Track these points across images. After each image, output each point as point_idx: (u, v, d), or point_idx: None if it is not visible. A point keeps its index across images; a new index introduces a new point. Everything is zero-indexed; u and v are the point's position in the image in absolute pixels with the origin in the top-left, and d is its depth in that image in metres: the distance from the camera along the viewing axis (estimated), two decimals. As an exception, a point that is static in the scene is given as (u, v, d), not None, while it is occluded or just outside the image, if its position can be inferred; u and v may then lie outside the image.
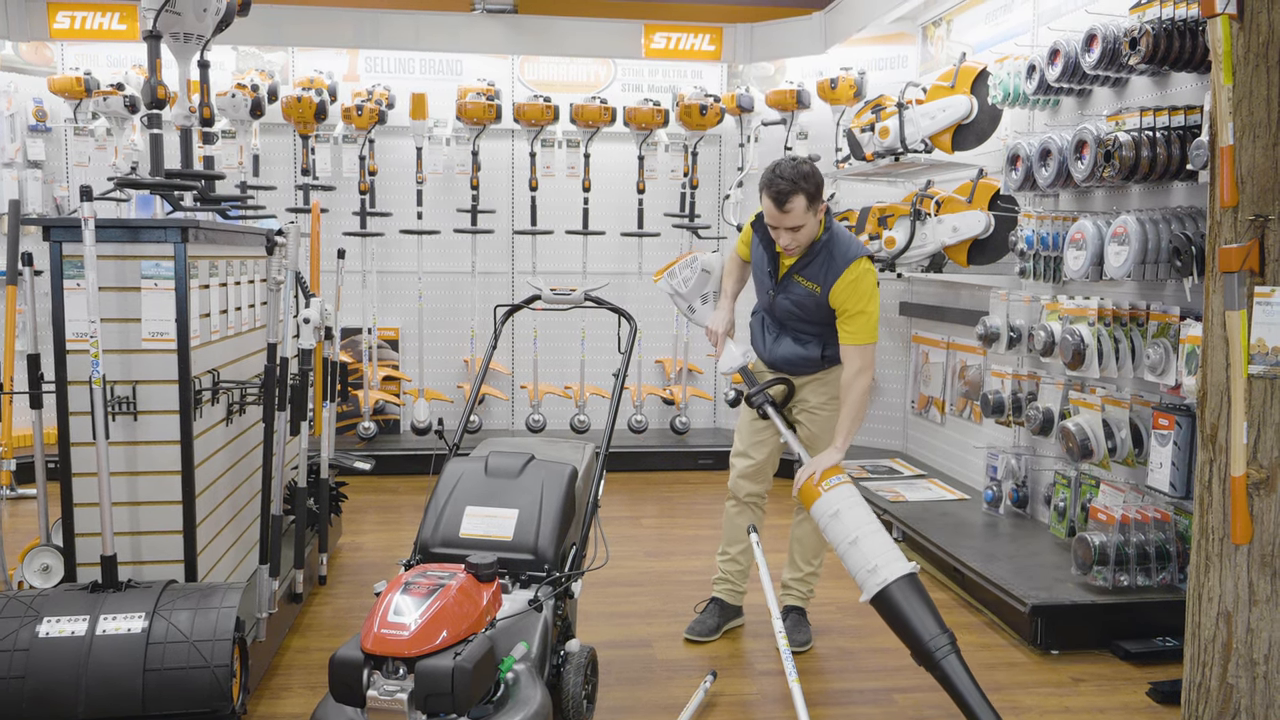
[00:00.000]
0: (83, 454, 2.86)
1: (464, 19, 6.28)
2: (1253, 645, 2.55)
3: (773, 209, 3.10)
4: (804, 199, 3.06)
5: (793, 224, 3.09)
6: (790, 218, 3.08)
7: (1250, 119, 2.51)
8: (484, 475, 2.94)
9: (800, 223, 3.09)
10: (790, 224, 3.09)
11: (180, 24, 3.26)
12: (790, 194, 3.05)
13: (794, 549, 3.55)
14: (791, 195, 3.05)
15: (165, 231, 2.88)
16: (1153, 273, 3.43)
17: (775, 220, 3.12)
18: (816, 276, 3.22)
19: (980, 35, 5.10)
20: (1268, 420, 2.50)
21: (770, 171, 3.11)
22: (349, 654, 2.25)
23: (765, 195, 3.10)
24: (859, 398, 3.19)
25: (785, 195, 3.05)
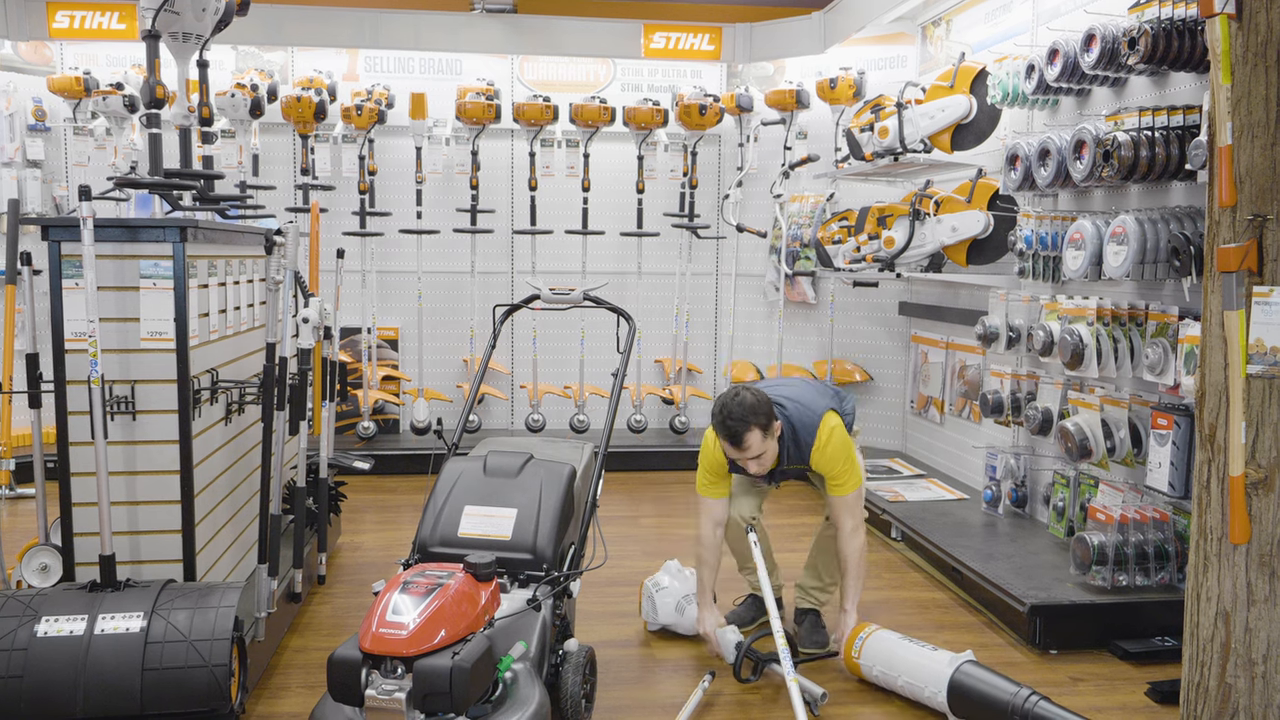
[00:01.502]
0: (81, 453, 2.86)
1: (463, 19, 6.28)
2: (1251, 645, 2.55)
3: (731, 449, 3.15)
4: (758, 431, 3.11)
5: (754, 454, 3.15)
6: (749, 450, 3.13)
7: (1249, 119, 2.51)
8: (483, 475, 2.94)
9: (760, 450, 3.14)
10: (751, 454, 3.15)
11: (179, 23, 3.26)
12: (743, 432, 3.09)
13: (817, 558, 3.54)
14: (745, 433, 3.09)
15: (164, 231, 2.88)
16: (1151, 273, 3.43)
17: (735, 455, 3.18)
18: (796, 461, 3.30)
19: (979, 35, 5.10)
20: (1266, 420, 2.50)
21: (720, 414, 3.12)
22: (347, 653, 2.26)
23: (720, 436, 3.15)
24: (860, 558, 3.31)
25: (739, 434, 3.09)
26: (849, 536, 3.29)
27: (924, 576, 4.25)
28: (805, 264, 6.23)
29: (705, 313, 6.80)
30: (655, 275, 6.56)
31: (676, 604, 3.51)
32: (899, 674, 3.05)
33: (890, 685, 3.09)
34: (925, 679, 2.97)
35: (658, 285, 6.59)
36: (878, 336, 6.19)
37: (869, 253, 5.29)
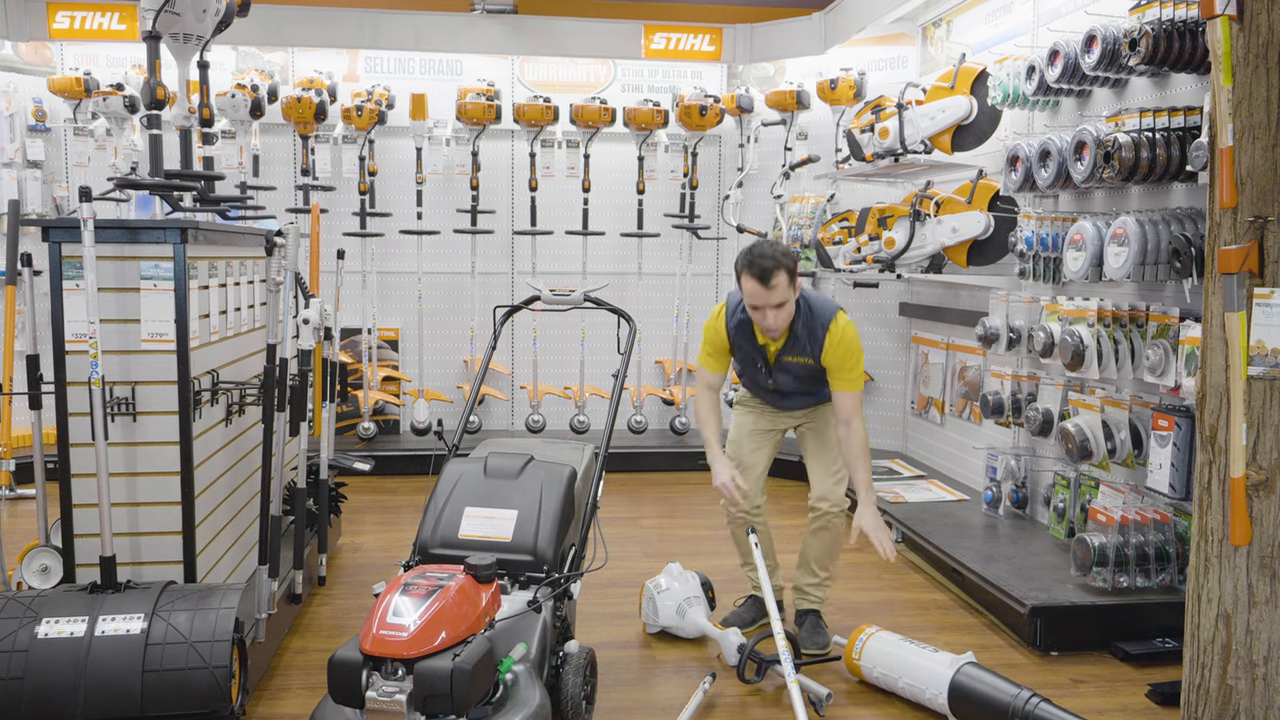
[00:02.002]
0: (82, 455, 2.86)
1: (464, 19, 6.28)
2: (1252, 647, 2.55)
3: (757, 287, 3.15)
4: (786, 275, 3.14)
5: (777, 300, 3.16)
6: (775, 294, 3.15)
7: (1250, 120, 2.51)
8: (483, 476, 2.94)
9: (784, 299, 3.17)
10: (775, 300, 3.16)
11: (180, 24, 3.26)
12: (774, 270, 3.12)
13: (808, 554, 3.55)
14: (775, 271, 3.12)
15: (164, 232, 2.88)
16: (1152, 274, 3.43)
17: (759, 299, 3.17)
18: (804, 351, 3.33)
19: (980, 36, 5.10)
20: (1267, 422, 2.50)
21: (748, 253, 3.18)
22: (348, 655, 2.25)
23: (747, 275, 3.17)
24: (864, 444, 3.36)
25: (770, 271, 3.12)
26: (857, 431, 3.33)
27: (924, 578, 4.25)
28: (806, 265, 6.22)
29: (706, 313, 6.75)
30: (656, 276, 6.56)
31: (677, 606, 3.51)
32: (900, 675, 3.05)
33: (891, 687, 3.09)
34: (926, 680, 2.97)
35: (658, 286, 6.59)
36: (878, 337, 6.18)
37: (869, 253, 5.29)
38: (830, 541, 3.50)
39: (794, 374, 3.41)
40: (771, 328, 3.25)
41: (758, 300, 3.19)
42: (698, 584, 3.60)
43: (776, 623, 3.02)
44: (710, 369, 3.52)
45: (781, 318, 3.22)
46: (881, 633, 3.19)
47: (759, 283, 3.15)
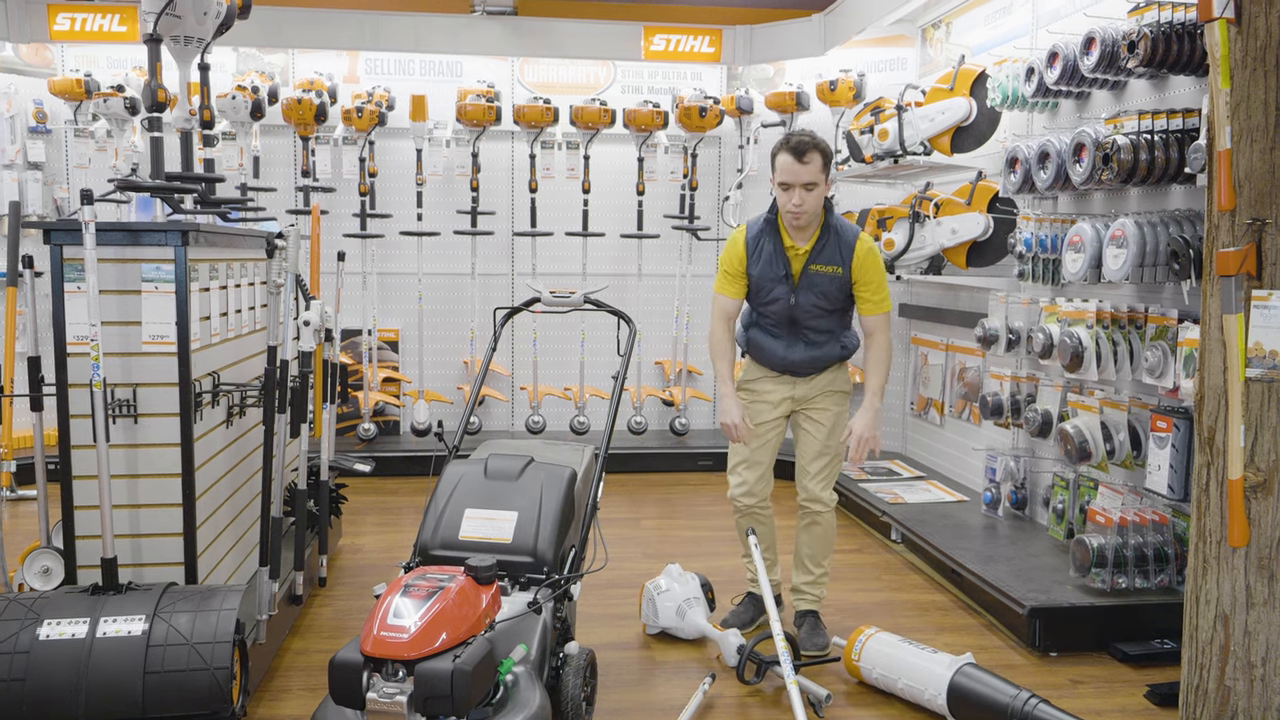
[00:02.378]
0: (83, 456, 2.87)
1: (464, 21, 6.29)
2: (1250, 648, 2.56)
3: (791, 162, 3.18)
4: (820, 156, 3.19)
5: (809, 179, 3.17)
6: (808, 171, 3.17)
7: (1248, 123, 2.52)
8: (483, 478, 2.95)
9: (815, 179, 3.18)
10: (807, 178, 3.17)
11: (180, 27, 3.27)
12: (809, 148, 3.18)
13: (801, 553, 3.55)
14: (810, 149, 3.18)
15: (166, 235, 2.89)
16: (1151, 275, 3.43)
17: (792, 175, 3.18)
18: (834, 259, 3.32)
19: (979, 38, 5.11)
20: (1265, 423, 2.51)
21: (786, 136, 3.25)
22: (348, 656, 2.26)
23: (784, 151, 3.21)
24: (887, 354, 3.40)
25: (805, 147, 3.17)
26: (882, 343, 3.37)
27: (924, 579, 4.26)
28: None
29: (706, 314, 6.80)
30: (655, 277, 6.57)
31: (677, 607, 3.52)
32: (899, 676, 3.05)
33: (890, 688, 3.10)
34: (925, 681, 2.98)
35: (658, 287, 6.60)
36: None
37: (869, 255, 5.29)
38: (821, 535, 3.51)
39: (818, 291, 3.34)
40: (799, 210, 3.22)
41: (789, 176, 3.19)
42: (697, 585, 3.61)
43: (776, 623, 3.03)
44: (727, 293, 3.45)
45: (810, 201, 3.21)
46: (881, 634, 3.19)
47: (794, 156, 3.17)
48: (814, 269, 3.32)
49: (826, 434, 3.45)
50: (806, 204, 3.22)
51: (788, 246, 3.33)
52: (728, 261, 3.44)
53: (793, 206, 3.23)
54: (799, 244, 3.33)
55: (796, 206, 3.22)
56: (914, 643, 3.13)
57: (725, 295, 3.46)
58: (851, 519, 5.16)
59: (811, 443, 3.48)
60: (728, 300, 3.46)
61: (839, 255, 3.30)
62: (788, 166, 3.20)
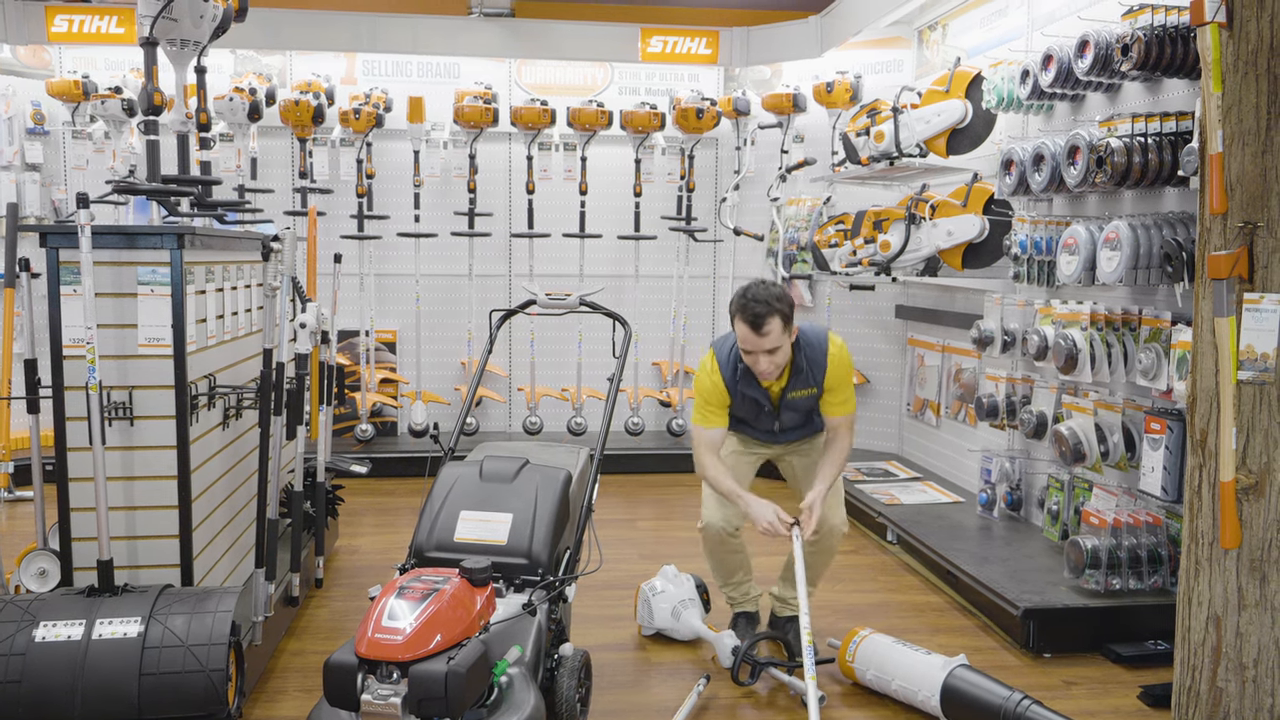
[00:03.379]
0: (79, 459, 2.87)
1: (461, 23, 6.30)
2: (1242, 649, 2.57)
3: (749, 334, 3.06)
4: (779, 320, 3.05)
5: (771, 345, 3.06)
6: (768, 340, 3.05)
7: (1239, 126, 2.53)
8: (479, 480, 2.96)
9: (777, 344, 3.07)
10: (768, 346, 3.06)
11: (177, 30, 3.27)
12: (767, 316, 3.03)
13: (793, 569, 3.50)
14: (768, 317, 3.03)
15: (161, 238, 2.89)
16: (1144, 278, 3.44)
17: (752, 345, 3.08)
18: (808, 382, 3.25)
19: (975, 40, 5.12)
20: (1256, 426, 2.52)
21: (741, 296, 3.08)
22: (343, 658, 2.27)
23: (740, 320, 3.08)
24: (847, 452, 3.31)
25: (762, 318, 3.03)
26: (845, 439, 3.29)
27: (919, 580, 4.27)
28: (802, 267, 6.24)
29: (702, 315, 6.82)
30: (652, 278, 6.57)
31: (672, 609, 3.53)
32: (893, 678, 3.06)
33: (884, 689, 3.11)
34: (919, 683, 2.99)
35: (655, 288, 6.61)
36: (874, 339, 6.20)
37: (865, 256, 5.31)
38: (825, 560, 3.43)
39: (799, 409, 3.33)
40: (765, 373, 3.15)
41: (750, 345, 3.09)
42: (693, 586, 3.61)
43: (805, 617, 2.97)
44: (710, 425, 3.28)
45: (776, 362, 3.12)
46: (875, 635, 3.20)
47: (751, 329, 3.05)
48: (791, 396, 3.28)
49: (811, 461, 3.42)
50: (774, 366, 3.14)
51: (765, 386, 3.27)
52: (710, 397, 3.28)
53: (761, 371, 3.15)
54: (773, 381, 3.27)
55: (765, 371, 3.14)
56: (908, 644, 3.14)
57: (709, 427, 3.29)
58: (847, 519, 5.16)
59: (810, 469, 3.39)
60: (713, 433, 3.29)
61: (812, 377, 3.24)
62: (747, 336, 3.08)
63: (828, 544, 3.38)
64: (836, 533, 3.36)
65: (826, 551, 3.40)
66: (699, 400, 3.30)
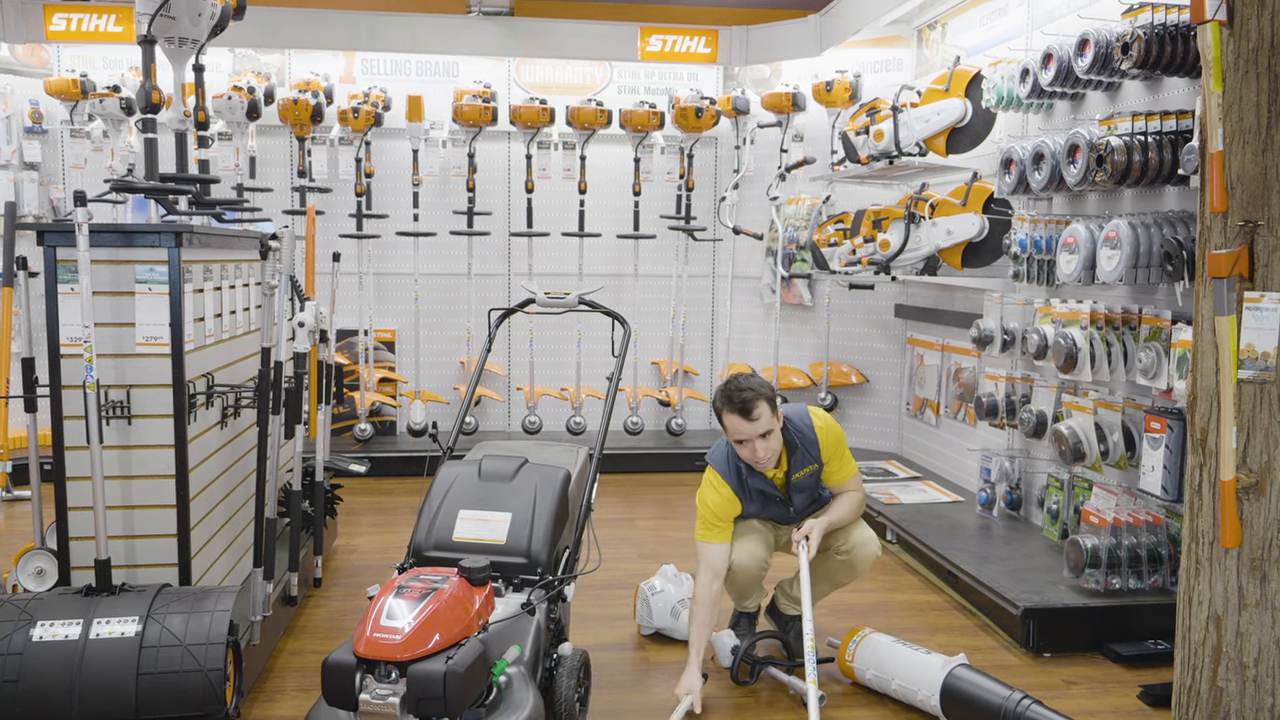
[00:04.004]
0: (77, 458, 2.86)
1: (460, 22, 6.29)
2: (1242, 649, 2.57)
3: (740, 422, 3.05)
4: (766, 404, 3.05)
5: (763, 429, 3.05)
6: (760, 424, 3.04)
7: (1240, 125, 2.52)
8: (477, 479, 2.95)
9: (769, 427, 3.06)
10: (761, 430, 3.05)
11: (175, 28, 3.26)
12: (754, 400, 3.04)
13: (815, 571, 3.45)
14: (755, 402, 3.03)
15: (159, 236, 2.89)
16: (1144, 277, 3.44)
17: (745, 432, 3.06)
18: (806, 460, 3.23)
19: (974, 39, 5.11)
20: (1257, 425, 2.52)
21: (724, 390, 3.09)
22: (341, 658, 2.26)
23: (728, 411, 3.06)
24: (856, 507, 3.33)
25: (750, 403, 3.03)
26: (857, 500, 3.31)
27: (919, 579, 4.26)
28: (801, 266, 6.24)
29: (702, 315, 6.81)
30: (652, 278, 6.57)
31: (671, 608, 3.52)
32: (892, 677, 3.06)
33: (884, 689, 3.10)
34: (918, 682, 2.98)
35: (654, 287, 6.60)
36: (873, 339, 6.20)
37: (864, 255, 5.30)
38: (846, 573, 3.36)
39: (807, 489, 3.30)
40: (762, 460, 3.12)
41: (743, 434, 3.07)
42: (690, 586, 3.61)
43: (808, 624, 2.97)
44: (714, 540, 3.16)
45: (771, 447, 3.10)
46: (874, 635, 3.20)
47: (741, 417, 3.04)
48: (796, 478, 3.25)
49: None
50: (769, 451, 3.11)
51: (770, 476, 3.24)
52: (717, 513, 3.18)
53: (756, 459, 3.13)
54: (774, 471, 3.24)
55: (761, 458, 3.12)
56: (907, 643, 3.13)
57: (714, 544, 3.16)
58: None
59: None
60: (718, 550, 3.15)
61: (809, 455, 3.23)
62: (738, 426, 3.06)
63: (857, 561, 3.32)
64: (868, 551, 3.31)
65: (849, 568, 3.33)
66: (704, 515, 3.21)
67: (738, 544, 3.25)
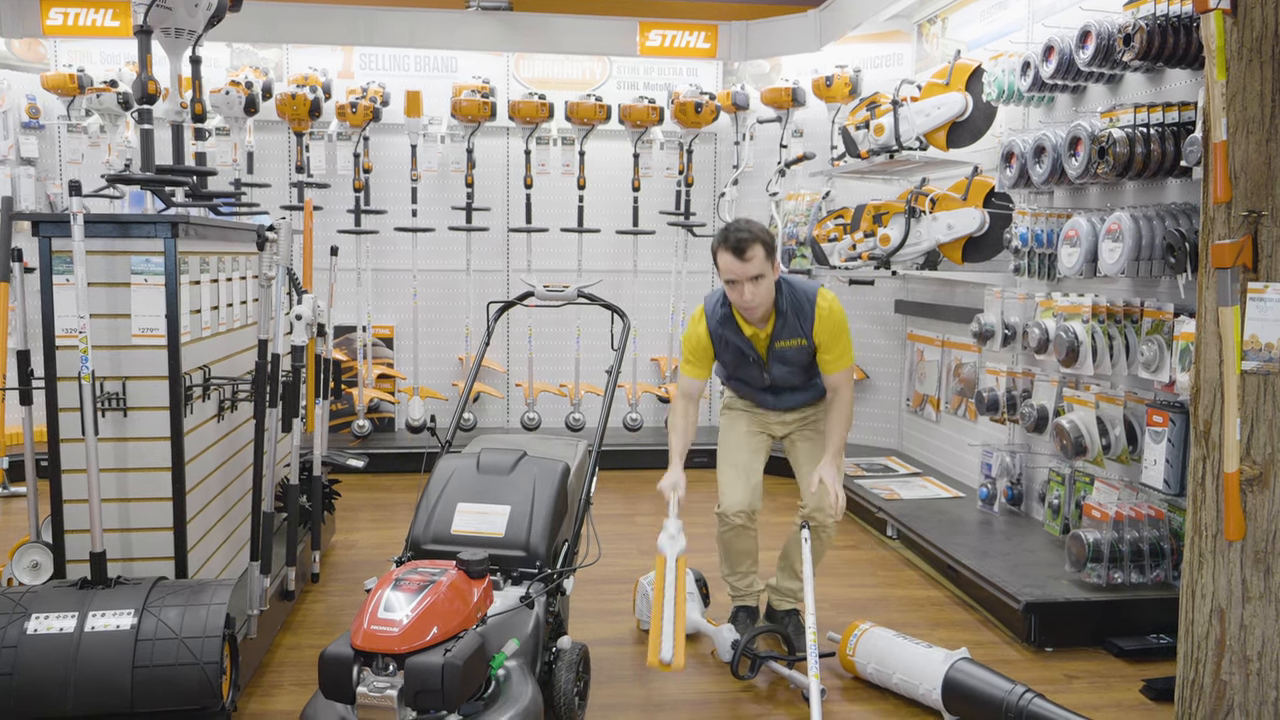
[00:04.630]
0: (72, 450, 2.85)
1: (459, 16, 6.27)
2: (1246, 642, 2.55)
3: (733, 260, 3.08)
4: (762, 248, 3.07)
5: (754, 272, 3.07)
6: (752, 266, 3.06)
7: (1244, 114, 2.50)
8: (476, 472, 2.93)
9: (760, 271, 3.08)
10: (752, 272, 3.07)
11: (171, 19, 3.24)
12: (750, 242, 3.06)
13: (794, 560, 3.47)
14: (751, 243, 3.06)
15: (155, 227, 2.87)
16: (1146, 269, 3.42)
17: (737, 272, 3.09)
18: (795, 332, 3.24)
19: (975, 32, 5.10)
20: (1261, 416, 2.50)
21: (723, 230, 3.13)
22: (339, 650, 2.25)
23: (723, 250, 3.10)
24: (849, 410, 3.33)
25: (745, 243, 3.06)
26: (845, 398, 3.30)
27: (920, 574, 4.25)
28: (801, 262, 6.22)
29: (701, 311, 6.79)
30: (651, 273, 6.55)
31: None
32: (893, 671, 3.04)
33: (885, 683, 3.09)
34: (920, 676, 2.97)
35: (653, 283, 6.58)
36: (874, 334, 6.18)
37: (865, 250, 5.29)
38: (819, 549, 3.39)
39: (789, 362, 3.32)
40: (750, 304, 3.15)
41: (734, 273, 3.09)
42: (691, 581, 3.59)
43: (811, 617, 2.97)
44: (691, 375, 3.40)
45: (760, 294, 3.12)
46: (875, 629, 3.18)
47: (734, 255, 3.07)
48: (779, 346, 3.27)
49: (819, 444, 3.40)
50: (757, 297, 3.13)
51: (750, 334, 3.28)
52: (693, 349, 3.36)
53: (744, 302, 3.15)
54: (759, 329, 3.27)
55: (748, 301, 3.14)
56: (909, 638, 3.12)
57: (690, 378, 3.40)
58: (848, 515, 5.14)
59: (812, 452, 3.40)
60: (692, 382, 3.40)
61: (800, 328, 3.24)
62: (731, 265, 3.09)
63: (819, 533, 3.36)
64: (831, 519, 3.33)
65: (818, 539, 3.36)
66: (684, 350, 3.41)
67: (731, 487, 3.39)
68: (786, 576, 3.53)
